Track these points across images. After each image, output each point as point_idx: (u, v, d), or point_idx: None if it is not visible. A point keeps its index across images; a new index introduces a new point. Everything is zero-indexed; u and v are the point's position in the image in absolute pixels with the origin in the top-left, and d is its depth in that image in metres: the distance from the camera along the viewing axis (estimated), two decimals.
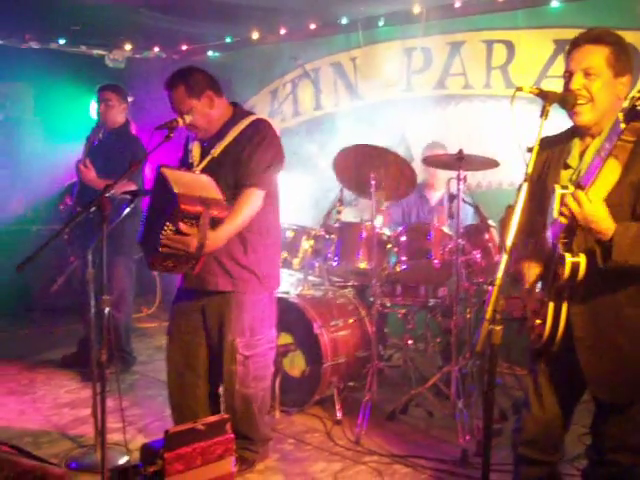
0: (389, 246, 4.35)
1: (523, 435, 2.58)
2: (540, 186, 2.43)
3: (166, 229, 2.84)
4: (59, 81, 6.76)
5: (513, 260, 2.47)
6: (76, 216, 2.96)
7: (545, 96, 2.24)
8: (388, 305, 4.54)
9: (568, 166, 2.42)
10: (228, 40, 6.92)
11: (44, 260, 3.14)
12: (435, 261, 4.19)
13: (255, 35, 6.60)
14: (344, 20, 6.03)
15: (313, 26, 6.22)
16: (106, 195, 2.86)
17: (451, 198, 4.07)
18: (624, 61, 2.33)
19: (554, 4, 4.99)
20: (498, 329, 2.06)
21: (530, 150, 2.20)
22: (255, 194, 3.21)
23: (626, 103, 1.94)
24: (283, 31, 6.44)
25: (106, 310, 2.92)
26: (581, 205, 2.11)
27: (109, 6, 5.57)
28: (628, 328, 2.35)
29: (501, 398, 4.22)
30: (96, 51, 7.27)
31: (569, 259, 2.24)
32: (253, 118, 3.35)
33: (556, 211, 2.23)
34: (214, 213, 2.91)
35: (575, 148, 2.42)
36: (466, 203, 4.27)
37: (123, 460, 3.43)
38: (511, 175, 5.07)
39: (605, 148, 2.07)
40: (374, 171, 4.16)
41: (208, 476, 2.86)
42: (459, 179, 3.97)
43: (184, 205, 2.82)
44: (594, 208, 2.11)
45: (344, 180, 4.56)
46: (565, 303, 2.35)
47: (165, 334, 3.55)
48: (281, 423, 4.07)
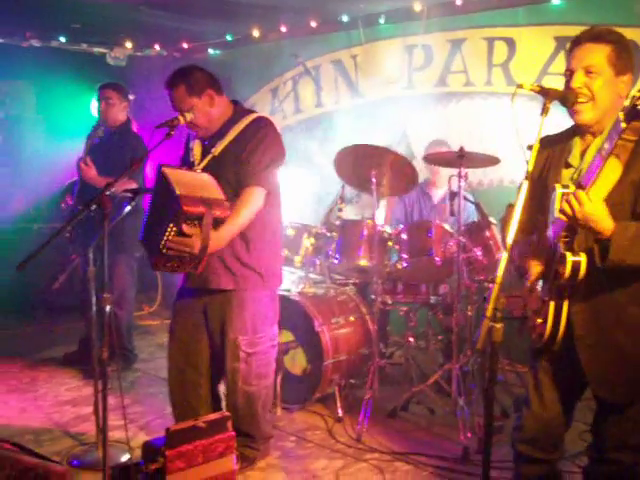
0: (390, 243, 4.35)
1: (523, 433, 2.58)
2: (541, 185, 2.43)
3: (169, 231, 2.84)
4: (60, 79, 6.76)
5: (517, 255, 2.47)
6: (77, 214, 2.95)
7: (546, 93, 2.24)
8: (389, 303, 4.54)
9: (569, 165, 2.42)
10: (229, 38, 6.91)
11: (45, 258, 3.15)
12: (436, 258, 4.19)
13: (256, 33, 6.59)
14: (345, 17, 6.02)
15: (314, 24, 6.22)
16: (107, 193, 2.85)
17: (452, 196, 4.07)
18: (625, 60, 2.32)
19: (555, 1, 4.98)
20: (499, 327, 2.07)
21: (530, 148, 2.20)
22: (256, 193, 3.21)
23: (627, 102, 1.94)
24: (284, 29, 6.43)
25: (107, 308, 2.92)
26: (581, 204, 2.11)
27: (109, 4, 5.58)
28: (630, 327, 2.34)
29: (502, 395, 4.22)
30: (97, 49, 7.27)
31: (570, 258, 2.24)
32: (254, 116, 3.35)
33: (557, 210, 2.22)
34: (216, 213, 2.90)
35: (576, 147, 2.42)
36: (467, 201, 4.28)
37: (125, 458, 3.45)
38: (512, 172, 5.08)
39: (606, 147, 2.07)
40: (375, 169, 4.17)
41: (209, 474, 2.86)
42: (460, 176, 3.98)
43: (186, 207, 2.80)
44: (594, 207, 2.11)
45: (345, 177, 4.56)
46: (566, 302, 2.35)
47: (167, 332, 3.56)
48: (282, 420, 4.08)
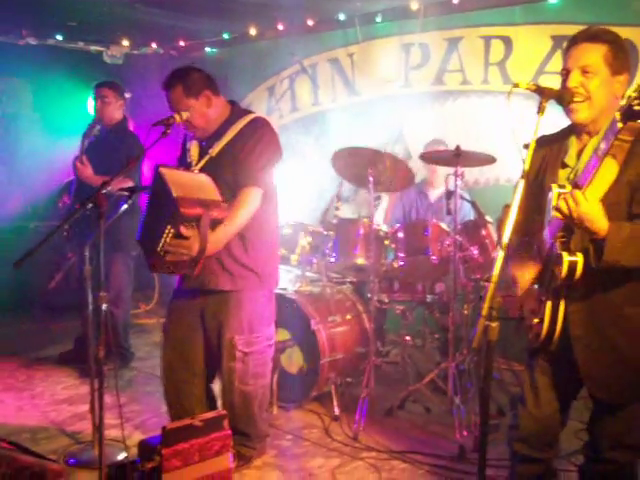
0: (387, 242, 4.36)
1: (518, 432, 2.58)
2: (538, 185, 2.43)
3: (167, 233, 2.83)
4: (57, 77, 6.74)
5: (507, 261, 2.47)
6: (73, 213, 2.95)
7: (542, 92, 2.24)
8: (386, 301, 4.54)
9: (565, 165, 2.41)
10: (225, 36, 6.91)
11: (42, 257, 3.14)
12: (433, 257, 4.20)
13: (252, 31, 6.59)
14: (342, 16, 6.01)
15: (310, 22, 6.21)
16: (103, 192, 2.85)
17: (448, 194, 4.07)
18: (622, 59, 2.32)
19: (551, 0, 4.98)
20: (494, 325, 2.07)
21: (527, 147, 2.20)
22: (253, 193, 3.20)
23: (623, 102, 1.93)
24: (281, 27, 6.43)
25: (104, 307, 2.92)
26: (578, 204, 2.11)
27: (106, 2, 5.57)
28: (627, 327, 2.34)
29: (498, 394, 4.23)
30: (93, 47, 7.26)
31: (567, 258, 2.24)
32: (251, 117, 3.34)
33: (553, 210, 2.22)
34: (214, 215, 2.89)
35: (572, 147, 2.41)
36: (463, 199, 4.28)
37: (121, 456, 3.44)
38: (508, 171, 5.08)
39: (602, 147, 2.06)
40: (371, 167, 4.17)
41: (205, 472, 2.87)
42: (457, 175, 3.98)
43: (184, 209, 2.80)
44: (590, 207, 2.11)
45: (342, 174, 4.56)
46: (563, 302, 2.35)
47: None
48: (279, 419, 4.08)
